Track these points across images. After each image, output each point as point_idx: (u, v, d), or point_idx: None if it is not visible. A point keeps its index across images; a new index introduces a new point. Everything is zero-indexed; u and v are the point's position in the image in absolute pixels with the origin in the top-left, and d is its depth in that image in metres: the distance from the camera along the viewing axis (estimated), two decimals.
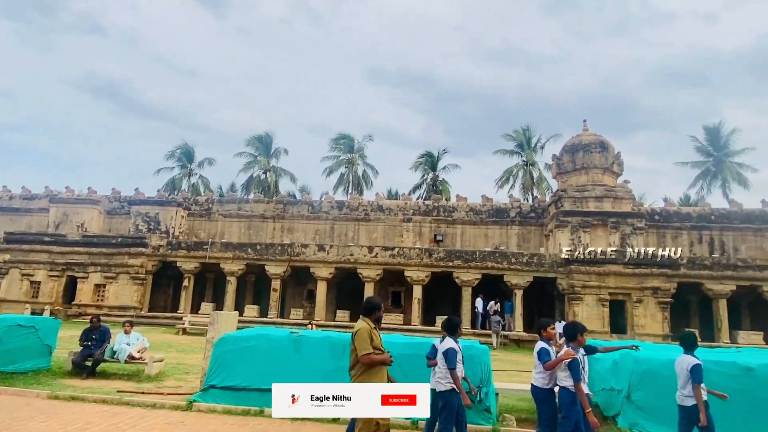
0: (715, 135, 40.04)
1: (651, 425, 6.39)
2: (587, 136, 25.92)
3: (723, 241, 26.40)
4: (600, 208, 24.01)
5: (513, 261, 22.65)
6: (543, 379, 5.19)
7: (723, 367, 6.36)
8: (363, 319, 4.73)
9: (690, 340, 5.44)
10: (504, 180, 41.98)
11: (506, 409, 7.22)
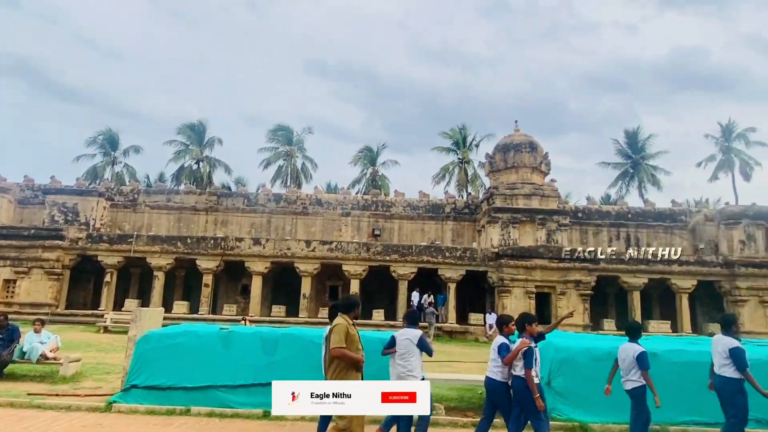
0: (634, 139, 43.22)
1: (569, 410, 6.82)
2: (518, 137, 27.10)
3: (638, 237, 28.61)
4: (528, 205, 25.21)
5: (447, 255, 23.28)
6: (500, 372, 5.35)
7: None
8: (341, 316, 4.77)
9: (635, 329, 5.92)
10: (440, 177, 42.97)
11: (436, 399, 7.42)
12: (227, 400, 6.93)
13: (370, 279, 24.15)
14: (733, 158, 41.53)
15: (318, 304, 24.84)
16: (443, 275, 23.22)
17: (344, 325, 4.59)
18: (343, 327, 4.56)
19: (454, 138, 43.46)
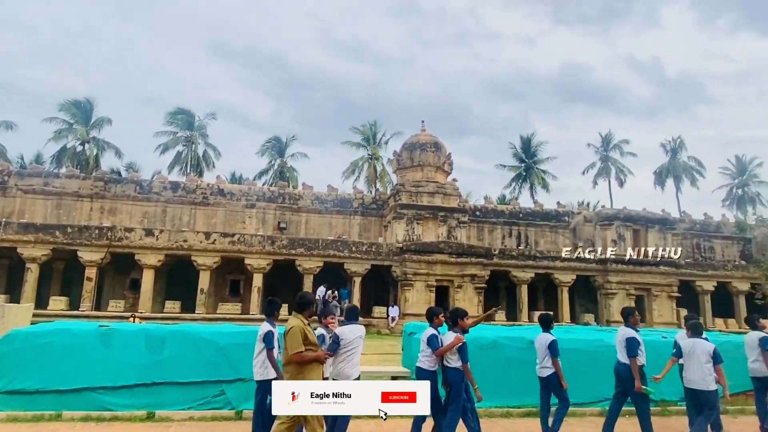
0: (528, 144, 46.73)
1: None
2: (424, 136, 28.05)
3: (527, 235, 31.00)
4: (432, 203, 26.22)
5: (354, 250, 23.49)
6: (429, 362, 5.58)
7: (513, 341, 7.52)
8: (296, 315, 4.57)
9: (547, 321, 6.44)
10: (350, 171, 43.22)
11: None
12: (106, 403, 6.42)
13: (274, 273, 23.63)
14: (610, 166, 46.61)
15: (217, 300, 23.81)
16: (349, 269, 23.40)
17: (299, 327, 4.43)
18: (298, 329, 4.41)
19: (365, 134, 43.89)
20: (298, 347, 4.33)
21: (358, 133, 43.93)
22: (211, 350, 6.53)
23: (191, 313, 21.44)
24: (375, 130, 44.08)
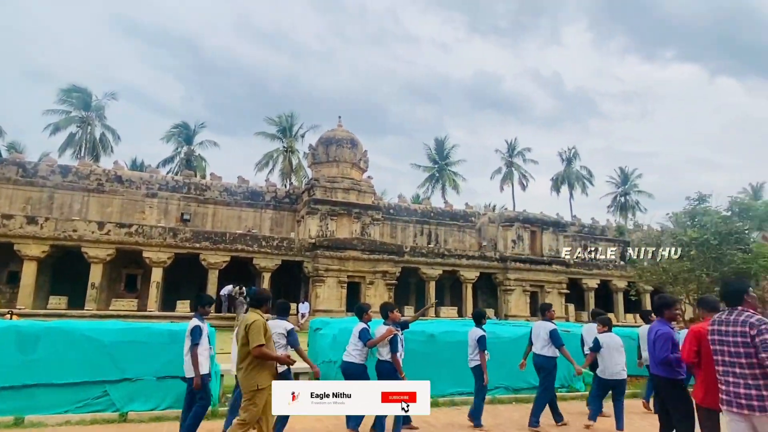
0: (441, 146, 48.55)
1: None
2: (341, 132, 28.05)
3: (438, 234, 32.22)
4: (347, 199, 26.31)
5: (264, 244, 22.91)
6: (359, 356, 5.72)
7: (415, 335, 7.81)
8: (254, 311, 4.54)
9: (480, 316, 6.77)
10: (264, 164, 42.00)
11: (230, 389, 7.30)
12: None
13: (176, 267, 22.36)
14: (513, 171, 49.77)
15: (111, 295, 22.09)
16: (258, 265, 22.78)
17: (262, 322, 4.39)
18: (261, 323, 4.36)
19: (281, 125, 42.83)
20: (260, 340, 4.30)
21: (274, 124, 42.75)
22: (94, 348, 6.04)
23: (80, 310, 19.67)
24: (291, 122, 43.17)
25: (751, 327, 3.42)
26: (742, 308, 3.61)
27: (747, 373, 3.39)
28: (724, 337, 3.57)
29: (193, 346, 5.04)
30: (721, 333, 3.60)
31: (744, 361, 3.42)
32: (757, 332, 3.38)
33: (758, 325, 3.41)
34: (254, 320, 4.38)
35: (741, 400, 3.38)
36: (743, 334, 3.44)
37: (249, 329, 4.34)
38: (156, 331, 6.32)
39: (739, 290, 3.69)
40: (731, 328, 3.53)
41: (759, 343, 3.36)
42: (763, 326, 3.39)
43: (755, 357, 3.37)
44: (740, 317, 3.53)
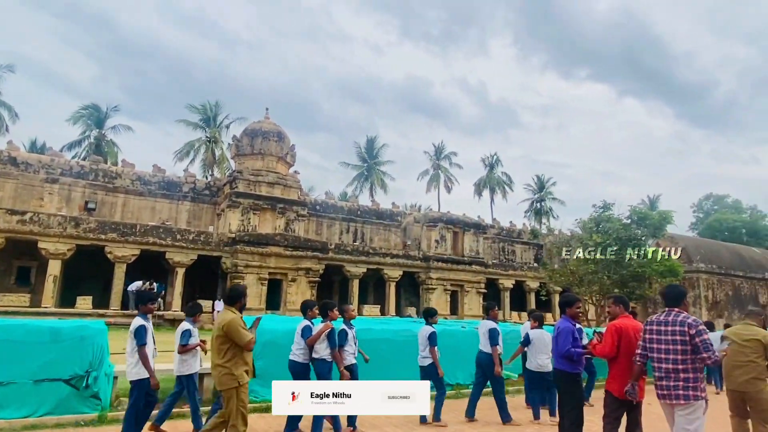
0: (371, 145, 48.73)
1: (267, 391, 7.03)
2: (267, 124, 27.18)
3: (364, 232, 32.23)
4: (271, 193, 25.54)
5: (178, 238, 21.61)
6: (303, 354, 5.69)
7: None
8: (228, 308, 4.43)
9: (430, 314, 6.79)
10: (184, 153, 39.79)
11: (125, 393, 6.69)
12: None
13: (77, 260, 20.49)
14: (440, 174, 51.09)
15: None
16: (172, 259, 21.45)
17: (237, 320, 4.28)
18: (237, 321, 4.25)
19: (205, 114, 40.79)
20: (247, 335, 4.25)
21: (197, 112, 40.63)
22: None
23: None
24: (216, 111, 41.24)
25: (690, 327, 3.75)
26: (678, 310, 3.93)
27: (680, 368, 3.75)
28: (662, 336, 3.87)
29: (140, 346, 4.83)
30: (660, 332, 3.90)
31: (679, 357, 3.76)
32: (696, 332, 3.72)
33: (696, 325, 3.76)
34: (230, 319, 4.25)
35: (671, 391, 3.77)
36: (682, 333, 3.77)
37: (227, 329, 4.22)
38: (34, 329, 5.60)
39: (680, 294, 4.06)
40: (669, 328, 3.84)
41: (699, 343, 3.70)
42: (701, 327, 3.76)
43: (690, 354, 3.74)
44: (678, 318, 3.85)
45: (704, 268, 32.56)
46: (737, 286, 34.12)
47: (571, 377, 4.87)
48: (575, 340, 4.87)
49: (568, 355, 4.79)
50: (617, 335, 4.31)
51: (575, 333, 4.90)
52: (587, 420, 4.95)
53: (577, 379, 4.88)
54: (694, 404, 3.71)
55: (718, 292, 32.98)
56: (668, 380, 3.79)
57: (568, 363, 4.86)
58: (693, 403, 3.71)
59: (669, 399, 3.79)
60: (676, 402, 3.74)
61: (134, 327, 4.89)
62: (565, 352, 4.78)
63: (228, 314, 4.33)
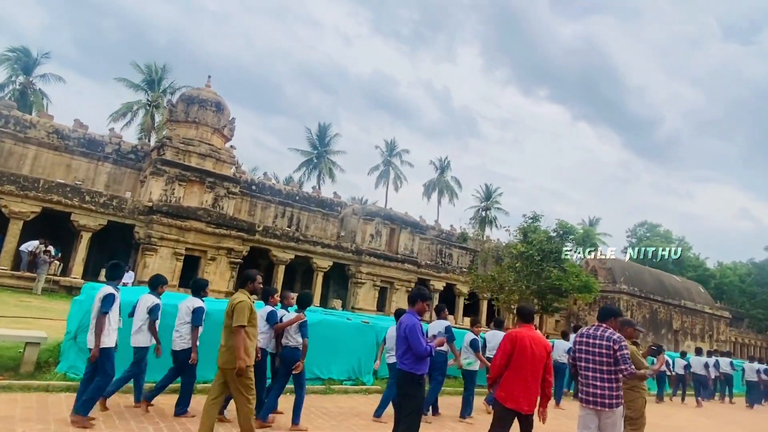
0: (323, 132, 47.59)
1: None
2: (207, 92, 25.67)
3: (300, 218, 31.25)
4: (201, 165, 24.11)
5: (87, 199, 19.90)
6: (265, 340, 5.79)
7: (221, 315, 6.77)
8: (241, 291, 4.70)
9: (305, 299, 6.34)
10: (121, 114, 37.32)
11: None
12: None
13: None
14: (390, 171, 50.70)
15: None
16: (77, 222, 19.72)
17: (248, 303, 4.56)
18: (246, 305, 4.52)
19: (149, 76, 38.40)
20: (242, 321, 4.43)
21: (141, 72, 38.15)
22: None
23: None
24: (162, 75, 38.90)
25: (614, 343, 4.20)
26: (606, 326, 4.39)
27: (605, 378, 4.18)
28: (590, 347, 4.32)
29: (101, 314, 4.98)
30: (588, 344, 4.34)
31: (605, 368, 4.20)
32: (619, 348, 4.18)
33: (619, 341, 4.22)
34: (240, 300, 4.52)
35: (597, 398, 4.17)
36: (608, 347, 4.21)
37: (235, 308, 4.48)
38: None
39: (610, 312, 4.53)
40: (598, 341, 4.29)
41: (620, 357, 4.14)
42: (623, 343, 4.23)
43: (613, 365, 4.18)
44: (605, 333, 4.30)
45: (626, 289, 33.80)
46: (655, 310, 35.71)
47: (414, 379, 4.35)
48: (424, 336, 4.39)
49: (427, 354, 4.31)
50: (511, 345, 4.32)
51: (422, 329, 4.41)
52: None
53: (420, 382, 4.36)
54: (616, 411, 4.18)
55: (637, 314, 34.32)
56: (594, 388, 4.19)
57: (413, 363, 4.33)
58: (615, 410, 4.17)
59: (596, 405, 4.16)
60: (602, 409, 4.14)
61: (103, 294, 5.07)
62: (425, 352, 4.29)
63: (240, 296, 4.61)
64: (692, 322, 38.28)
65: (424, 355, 4.27)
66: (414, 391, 4.35)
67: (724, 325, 41.58)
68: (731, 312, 47.65)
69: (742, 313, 54.14)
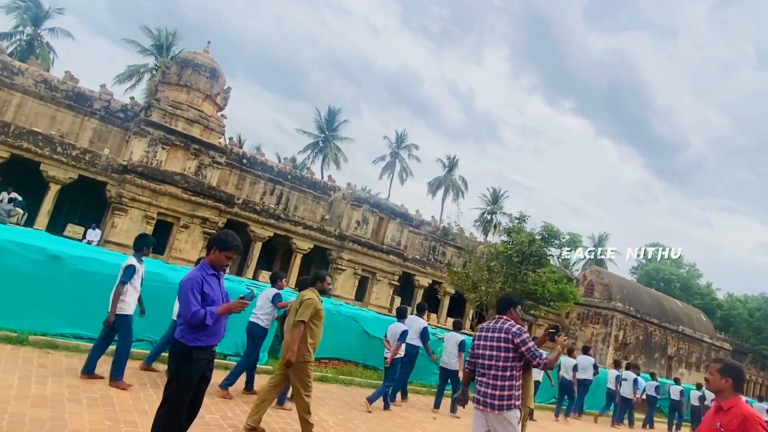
0: (332, 117, 46.77)
1: None
2: (203, 57, 24.95)
3: (290, 198, 30.45)
4: (188, 131, 23.40)
5: (59, 150, 19.32)
6: (267, 319, 6.35)
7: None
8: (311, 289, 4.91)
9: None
10: (126, 76, 36.99)
11: None
12: None
13: None
14: (396, 163, 49.67)
15: None
16: (46, 173, 19.18)
17: (315, 301, 4.73)
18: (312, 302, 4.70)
19: (158, 41, 37.98)
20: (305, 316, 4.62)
21: (151, 36, 37.78)
22: None
23: None
24: (172, 41, 38.45)
25: (514, 336, 3.69)
26: (506, 317, 3.91)
27: (499, 375, 3.68)
28: (487, 342, 3.81)
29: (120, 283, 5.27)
30: (486, 338, 3.84)
31: (501, 364, 3.69)
32: (521, 342, 3.66)
33: (520, 333, 3.71)
34: (309, 297, 4.76)
35: (488, 399, 3.68)
36: (506, 339, 3.71)
37: (302, 303, 4.72)
38: None
39: (509, 303, 4.02)
40: (496, 335, 3.78)
41: (525, 352, 3.65)
42: (524, 335, 3.71)
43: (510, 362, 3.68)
44: (504, 325, 3.81)
45: (621, 307, 32.29)
46: (649, 332, 34.11)
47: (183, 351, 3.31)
48: (205, 296, 3.36)
49: (198, 322, 3.25)
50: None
51: (203, 286, 3.38)
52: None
53: (190, 355, 3.31)
54: (508, 414, 3.63)
55: (630, 335, 32.83)
56: (486, 387, 3.72)
57: (185, 330, 3.32)
58: (506, 413, 3.63)
59: (485, 407, 3.69)
60: (491, 411, 3.65)
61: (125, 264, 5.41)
62: (194, 319, 3.24)
63: (310, 293, 4.83)
64: (689, 349, 36.60)
65: (192, 323, 3.26)
66: (179, 366, 3.30)
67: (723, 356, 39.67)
68: (733, 345, 45.67)
69: (746, 348, 51.95)
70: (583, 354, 11.53)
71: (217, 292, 3.48)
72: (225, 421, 5.04)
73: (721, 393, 3.04)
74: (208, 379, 3.54)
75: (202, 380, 3.42)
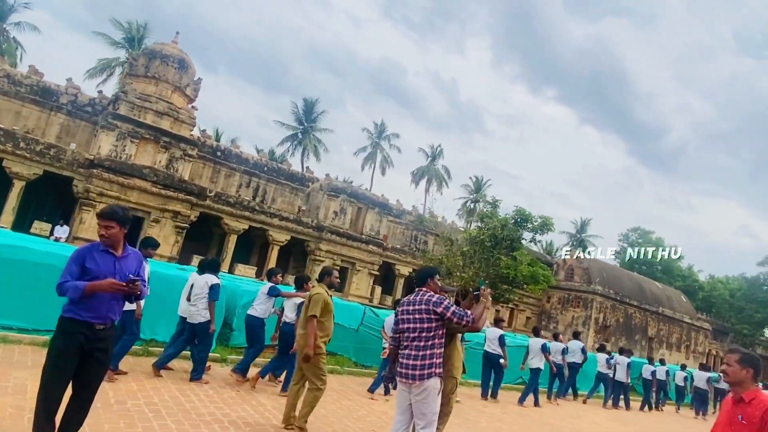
0: (310, 108, 46.25)
1: None
2: (171, 48, 24.45)
3: (266, 190, 30.12)
4: (157, 123, 22.95)
5: (22, 146, 18.82)
6: (263, 311, 6.63)
7: None
8: (320, 285, 5.15)
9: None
10: (97, 71, 36.27)
11: None
12: None
13: None
14: (377, 153, 49.44)
15: None
16: (9, 169, 18.70)
17: (323, 296, 4.92)
18: (321, 298, 4.89)
19: (129, 33, 37.24)
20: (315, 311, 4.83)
21: (121, 29, 37.03)
22: None
23: None
24: (144, 34, 37.73)
25: (435, 305, 3.70)
26: (425, 289, 3.92)
27: (420, 345, 3.69)
28: (410, 315, 3.79)
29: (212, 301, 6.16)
30: (408, 312, 3.82)
31: (423, 335, 3.70)
32: (444, 308, 3.68)
33: (440, 302, 3.72)
34: (318, 293, 4.96)
35: (409, 370, 3.66)
36: (427, 311, 3.71)
37: (311, 299, 4.92)
38: None
39: (426, 274, 4.08)
40: (417, 306, 3.78)
41: (451, 315, 3.67)
42: (445, 302, 3.72)
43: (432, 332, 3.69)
44: (424, 297, 3.81)
45: (601, 290, 32.59)
46: (630, 314, 34.49)
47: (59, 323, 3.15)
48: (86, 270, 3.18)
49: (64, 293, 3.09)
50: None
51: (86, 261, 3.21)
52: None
53: (62, 326, 3.14)
54: (428, 383, 3.61)
55: (610, 317, 33.16)
56: (408, 358, 3.71)
57: (68, 302, 3.17)
58: (426, 382, 3.60)
59: (407, 378, 3.67)
60: (411, 381, 3.63)
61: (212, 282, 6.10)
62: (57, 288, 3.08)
63: (319, 288, 5.03)
64: (669, 330, 37.12)
65: (59, 293, 3.07)
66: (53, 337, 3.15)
67: (703, 336, 40.40)
68: (714, 325, 46.44)
69: (727, 328, 52.89)
70: (574, 339, 12.12)
71: (105, 269, 3.29)
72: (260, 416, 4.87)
73: (741, 384, 2.88)
74: (101, 362, 3.34)
75: (90, 360, 3.24)
